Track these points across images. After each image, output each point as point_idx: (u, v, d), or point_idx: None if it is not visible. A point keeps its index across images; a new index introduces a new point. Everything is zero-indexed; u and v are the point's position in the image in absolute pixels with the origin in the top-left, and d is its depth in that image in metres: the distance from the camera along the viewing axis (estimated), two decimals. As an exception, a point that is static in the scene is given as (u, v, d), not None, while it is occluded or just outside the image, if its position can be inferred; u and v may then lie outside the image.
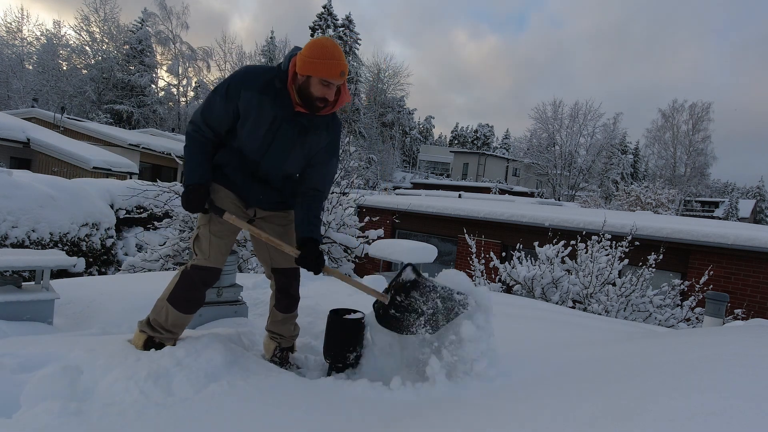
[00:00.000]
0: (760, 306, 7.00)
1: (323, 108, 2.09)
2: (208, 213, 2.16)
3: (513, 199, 19.15)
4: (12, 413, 1.55)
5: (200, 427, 1.56)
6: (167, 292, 2.21)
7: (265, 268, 2.46)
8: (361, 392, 1.94)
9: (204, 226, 2.19)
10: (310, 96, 2.03)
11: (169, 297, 2.18)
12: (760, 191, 56.55)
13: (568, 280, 6.16)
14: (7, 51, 36.45)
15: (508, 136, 68.99)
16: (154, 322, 2.19)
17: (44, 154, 15.99)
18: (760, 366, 1.32)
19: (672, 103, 46.27)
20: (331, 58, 1.97)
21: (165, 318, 2.17)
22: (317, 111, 2.09)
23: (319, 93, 2.02)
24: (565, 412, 1.20)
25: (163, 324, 2.18)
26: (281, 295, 2.41)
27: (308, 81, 2.01)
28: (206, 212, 2.16)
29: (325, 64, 1.96)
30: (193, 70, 42.28)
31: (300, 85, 2.04)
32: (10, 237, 6.20)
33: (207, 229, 2.18)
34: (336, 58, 1.98)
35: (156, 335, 2.18)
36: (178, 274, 2.22)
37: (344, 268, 6.33)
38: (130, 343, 2.21)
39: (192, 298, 2.21)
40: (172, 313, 2.17)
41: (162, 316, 2.18)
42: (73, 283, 3.84)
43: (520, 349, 2.41)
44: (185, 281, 2.19)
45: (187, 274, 2.19)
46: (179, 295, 2.18)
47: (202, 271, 2.18)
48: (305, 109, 2.08)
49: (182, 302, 2.18)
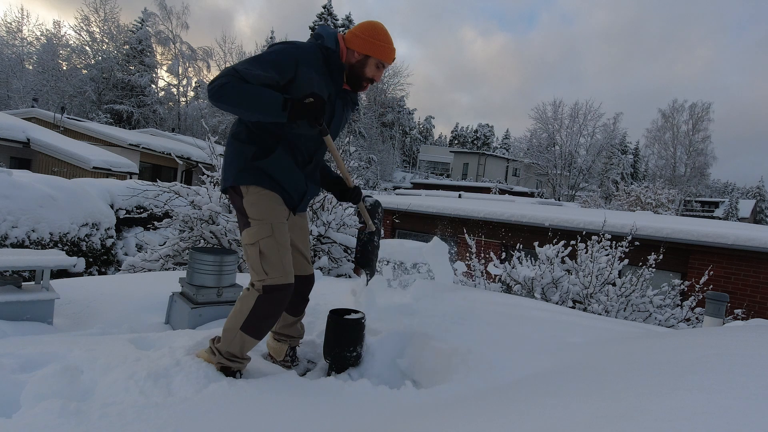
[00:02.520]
0: (760, 306, 7.00)
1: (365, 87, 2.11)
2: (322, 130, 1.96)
3: (513, 199, 19.14)
4: (12, 413, 1.55)
5: (200, 427, 1.56)
6: (239, 321, 1.95)
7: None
8: (362, 392, 1.94)
9: (268, 239, 1.94)
10: (362, 75, 2.06)
11: (243, 326, 1.94)
12: (760, 191, 56.55)
13: (568, 280, 6.16)
14: (7, 51, 36.43)
15: (508, 136, 68.98)
16: (227, 355, 1.98)
17: (44, 154, 15.98)
18: (760, 366, 1.32)
19: (672, 103, 46.34)
20: (390, 43, 2.05)
21: (240, 348, 1.98)
22: (360, 89, 2.12)
23: (371, 74, 2.06)
24: (566, 411, 1.20)
25: (238, 354, 1.99)
26: (298, 299, 2.28)
27: (365, 61, 2.04)
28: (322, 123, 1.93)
29: (386, 47, 2.03)
30: (193, 70, 42.24)
31: (353, 64, 2.05)
32: (10, 237, 6.20)
33: (273, 240, 1.94)
34: (393, 44, 2.06)
35: (233, 365, 2.00)
36: (251, 301, 1.94)
37: (344, 268, 6.32)
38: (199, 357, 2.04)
39: (270, 324, 2.02)
40: (249, 342, 1.98)
41: (236, 347, 1.97)
42: (73, 283, 3.84)
43: (521, 349, 2.41)
44: (262, 308, 1.94)
45: (262, 300, 1.93)
46: (256, 324, 1.95)
47: (280, 291, 1.94)
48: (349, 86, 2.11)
49: (260, 330, 1.98)
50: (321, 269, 5.82)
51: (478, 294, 4.75)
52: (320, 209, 6.21)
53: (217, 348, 2.01)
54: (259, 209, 1.97)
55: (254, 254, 1.94)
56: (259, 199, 1.98)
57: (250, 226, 1.96)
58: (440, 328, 2.70)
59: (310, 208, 6.20)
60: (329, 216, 6.13)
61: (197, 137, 28.25)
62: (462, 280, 7.22)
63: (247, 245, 1.98)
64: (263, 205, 1.98)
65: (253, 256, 1.95)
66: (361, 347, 2.39)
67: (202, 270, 2.97)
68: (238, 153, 2.01)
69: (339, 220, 6.32)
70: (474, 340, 2.51)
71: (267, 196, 1.99)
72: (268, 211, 1.98)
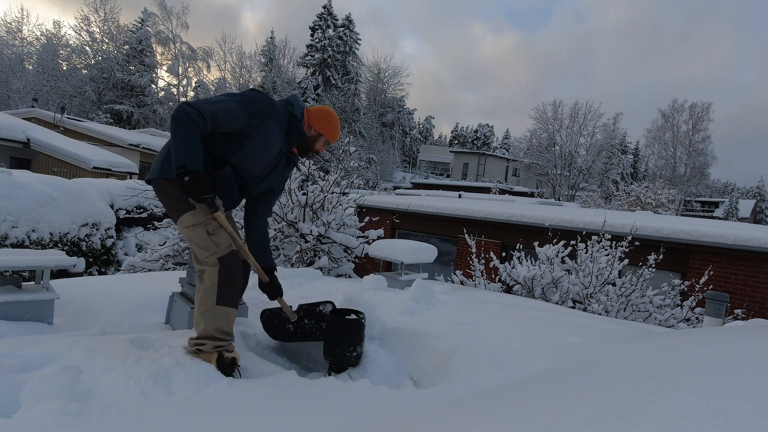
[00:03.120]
0: (760, 306, 7.00)
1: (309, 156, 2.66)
2: (208, 204, 2.12)
3: (513, 199, 19.14)
4: (12, 413, 1.55)
5: (200, 427, 1.56)
6: (211, 299, 2.14)
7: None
8: (362, 392, 1.94)
9: (210, 222, 2.18)
10: (312, 147, 2.50)
11: (218, 301, 2.15)
12: (760, 191, 56.58)
13: (568, 280, 6.16)
14: (7, 51, 36.44)
15: (508, 136, 69.00)
16: (217, 332, 2.14)
17: (44, 154, 15.99)
18: (760, 366, 1.32)
19: (672, 103, 46.29)
20: (338, 128, 2.55)
21: (225, 322, 2.17)
22: (304, 156, 2.59)
23: (319, 147, 2.52)
24: (566, 411, 1.20)
25: (225, 329, 2.16)
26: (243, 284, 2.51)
27: (318, 137, 2.49)
28: (209, 201, 2.12)
29: (336, 132, 2.53)
30: (193, 70, 42.26)
31: (308, 137, 2.48)
32: (10, 237, 6.20)
33: (213, 222, 2.18)
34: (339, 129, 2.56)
35: (223, 344, 2.14)
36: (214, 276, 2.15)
37: (344, 267, 6.32)
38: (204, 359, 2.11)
39: (237, 289, 2.24)
40: (230, 312, 2.19)
41: (221, 322, 2.15)
42: (73, 283, 3.84)
43: (521, 349, 2.41)
44: (226, 277, 2.16)
45: (223, 270, 2.15)
46: (226, 293, 2.17)
47: (231, 258, 2.19)
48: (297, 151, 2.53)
49: (232, 298, 2.20)
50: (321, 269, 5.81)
51: (478, 294, 4.75)
52: (320, 209, 6.21)
53: (200, 338, 2.15)
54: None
55: (201, 232, 2.17)
56: None
57: (194, 210, 2.18)
58: (440, 328, 2.70)
59: (311, 208, 6.20)
60: (329, 216, 6.13)
61: (197, 137, 28.16)
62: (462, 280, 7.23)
63: (190, 227, 2.18)
64: None
65: (200, 234, 2.17)
66: (361, 347, 2.39)
67: (202, 270, 2.96)
68: None
69: (339, 220, 6.32)
70: (474, 340, 2.51)
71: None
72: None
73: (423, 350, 2.43)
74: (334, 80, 43.41)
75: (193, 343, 2.17)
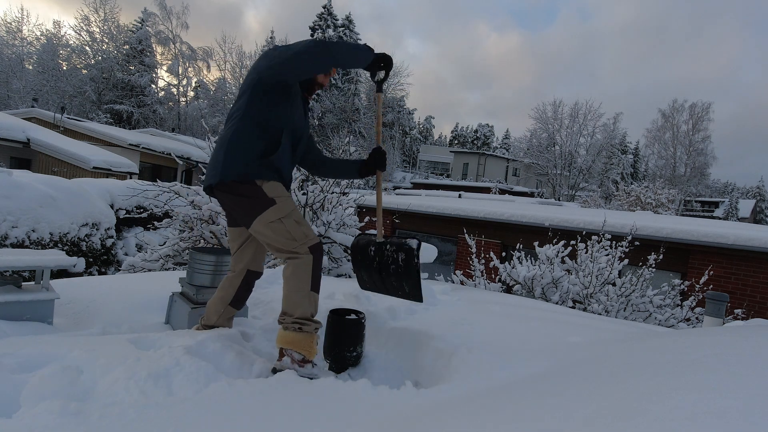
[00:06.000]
0: (760, 306, 7.00)
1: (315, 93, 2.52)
2: None
3: (513, 199, 19.13)
4: (12, 413, 1.55)
5: (200, 427, 1.56)
6: (305, 284, 2.18)
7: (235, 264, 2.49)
8: (362, 392, 1.94)
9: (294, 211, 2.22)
10: (315, 81, 2.42)
11: (312, 287, 2.19)
12: (760, 191, 56.57)
13: (568, 280, 6.16)
14: (7, 51, 36.43)
15: (508, 136, 69.00)
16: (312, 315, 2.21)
17: (44, 154, 15.99)
18: (760, 366, 1.32)
19: (672, 103, 46.28)
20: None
21: (315, 306, 2.24)
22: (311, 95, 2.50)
23: (322, 80, 2.43)
24: (566, 411, 1.20)
25: (315, 313, 2.23)
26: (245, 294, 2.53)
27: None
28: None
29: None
30: (193, 70, 42.27)
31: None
32: (10, 237, 6.20)
33: (298, 213, 2.23)
34: None
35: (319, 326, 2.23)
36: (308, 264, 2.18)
37: (344, 267, 6.32)
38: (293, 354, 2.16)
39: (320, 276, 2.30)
40: (317, 298, 2.25)
41: (314, 307, 2.22)
42: (73, 283, 3.84)
43: (521, 349, 2.41)
44: (317, 266, 2.21)
45: (316, 259, 2.19)
46: (316, 281, 2.22)
47: (320, 247, 2.24)
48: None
49: (319, 284, 2.25)
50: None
51: (478, 294, 4.75)
52: (320, 209, 6.21)
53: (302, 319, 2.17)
54: (279, 190, 2.21)
55: (291, 223, 2.17)
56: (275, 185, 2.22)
57: (276, 204, 2.17)
58: (440, 328, 2.70)
59: (311, 208, 6.20)
60: (329, 216, 6.13)
61: (197, 137, 28.26)
62: (462, 280, 7.22)
63: (278, 220, 2.16)
64: (280, 188, 2.23)
65: (290, 226, 2.17)
66: (362, 347, 2.39)
67: (202, 270, 2.97)
68: (245, 148, 2.19)
69: (339, 220, 6.32)
70: (474, 340, 2.51)
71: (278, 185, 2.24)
72: (284, 191, 2.25)
73: (423, 350, 2.43)
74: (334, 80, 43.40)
75: (293, 321, 2.17)
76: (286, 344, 2.15)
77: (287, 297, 2.19)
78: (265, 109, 2.22)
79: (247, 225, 2.23)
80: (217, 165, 2.19)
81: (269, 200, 2.16)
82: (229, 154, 2.18)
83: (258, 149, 2.19)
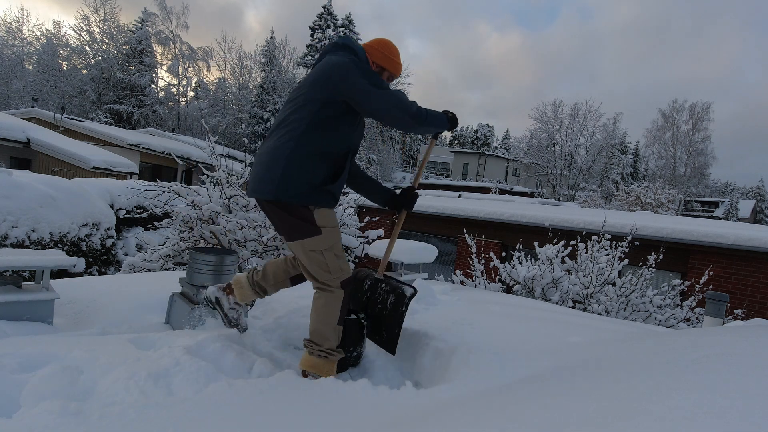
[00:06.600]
0: (760, 306, 7.00)
1: None
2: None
3: (513, 199, 19.13)
4: (12, 413, 1.55)
5: (200, 427, 1.56)
6: (333, 319, 2.21)
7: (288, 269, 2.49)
8: (362, 392, 1.94)
9: (337, 243, 2.22)
10: None
11: (339, 321, 2.22)
12: (760, 191, 56.57)
13: (568, 280, 6.16)
14: (7, 51, 36.41)
15: (508, 136, 69.00)
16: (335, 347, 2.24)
17: (44, 154, 15.98)
18: (760, 366, 1.32)
19: (672, 103, 46.29)
20: (400, 59, 2.35)
21: (339, 337, 2.26)
22: None
23: None
24: (566, 411, 1.20)
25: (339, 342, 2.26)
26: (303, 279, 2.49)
27: (381, 72, 2.29)
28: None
29: (399, 64, 2.33)
30: (193, 70, 42.24)
31: None
32: (10, 237, 6.20)
33: (339, 246, 2.22)
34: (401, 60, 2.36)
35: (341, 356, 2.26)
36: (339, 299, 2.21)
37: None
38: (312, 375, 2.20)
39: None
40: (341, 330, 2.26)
41: (338, 338, 2.25)
42: (73, 283, 3.84)
43: (521, 349, 2.41)
44: (346, 300, 2.24)
45: (346, 294, 2.23)
46: (344, 315, 2.25)
47: (350, 282, 2.26)
48: None
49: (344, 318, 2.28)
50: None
51: (478, 294, 4.75)
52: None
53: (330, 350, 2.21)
54: (329, 220, 2.19)
55: (330, 257, 2.18)
56: (327, 213, 2.20)
57: (321, 234, 2.15)
58: (440, 328, 2.70)
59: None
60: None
61: (197, 137, 28.25)
62: (462, 280, 7.22)
63: (318, 251, 2.16)
64: (331, 217, 2.22)
65: (329, 258, 2.17)
66: (362, 347, 2.40)
67: (202, 270, 2.97)
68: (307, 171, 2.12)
69: (339, 220, 6.32)
70: (474, 340, 2.51)
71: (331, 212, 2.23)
72: (334, 221, 2.24)
73: (423, 350, 2.43)
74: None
75: (320, 350, 2.20)
76: (310, 368, 2.20)
77: (317, 330, 2.21)
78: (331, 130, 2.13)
79: (287, 240, 2.23)
80: (273, 180, 2.10)
81: (316, 229, 2.14)
82: (288, 172, 2.09)
83: (320, 175, 2.13)
